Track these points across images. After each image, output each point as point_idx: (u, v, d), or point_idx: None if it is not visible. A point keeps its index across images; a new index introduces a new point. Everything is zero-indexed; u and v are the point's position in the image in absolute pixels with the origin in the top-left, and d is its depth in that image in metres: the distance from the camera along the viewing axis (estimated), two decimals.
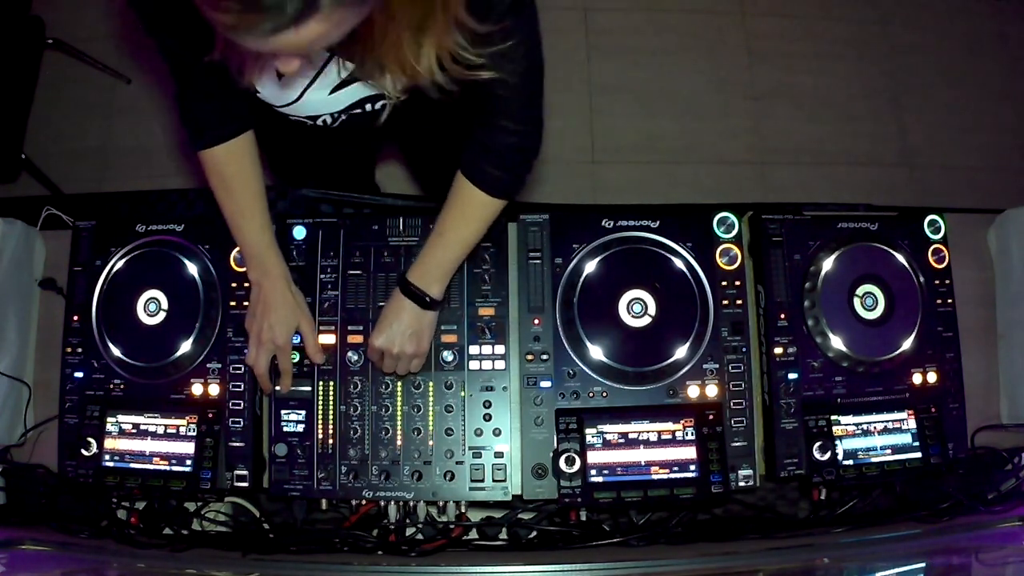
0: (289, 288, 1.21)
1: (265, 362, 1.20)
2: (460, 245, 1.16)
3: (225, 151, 1.14)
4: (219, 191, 1.18)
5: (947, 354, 1.29)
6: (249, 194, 1.18)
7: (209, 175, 1.17)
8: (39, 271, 1.38)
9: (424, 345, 1.20)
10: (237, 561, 1.17)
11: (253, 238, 1.19)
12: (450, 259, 1.17)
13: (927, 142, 2.58)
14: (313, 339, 1.22)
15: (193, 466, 1.19)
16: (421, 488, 1.20)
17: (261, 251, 1.19)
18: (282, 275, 1.20)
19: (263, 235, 1.19)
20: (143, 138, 2.50)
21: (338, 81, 1.07)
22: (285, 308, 1.20)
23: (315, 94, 1.10)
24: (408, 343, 1.17)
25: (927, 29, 2.69)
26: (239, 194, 1.17)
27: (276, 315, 1.19)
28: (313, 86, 1.08)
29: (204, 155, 1.15)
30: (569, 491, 1.17)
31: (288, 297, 1.20)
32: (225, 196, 1.18)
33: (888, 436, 1.23)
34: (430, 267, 1.16)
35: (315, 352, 1.23)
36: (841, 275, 1.27)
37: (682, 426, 1.19)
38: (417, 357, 1.20)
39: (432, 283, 1.16)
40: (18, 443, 1.30)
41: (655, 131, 2.54)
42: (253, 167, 1.18)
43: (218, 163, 1.15)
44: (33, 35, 2.18)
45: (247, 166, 1.17)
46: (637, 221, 1.28)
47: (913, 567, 1.17)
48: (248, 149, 1.17)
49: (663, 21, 2.64)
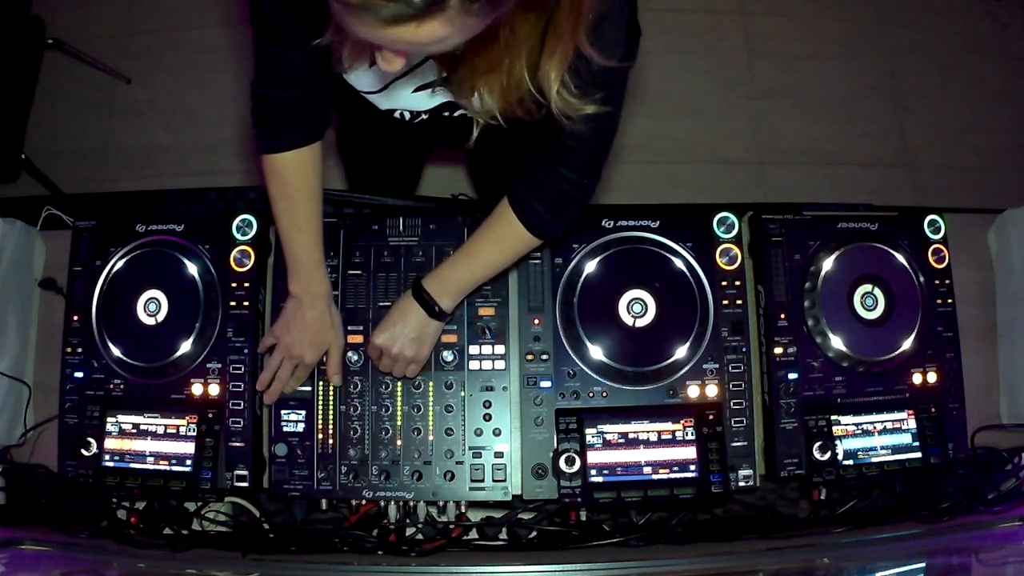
0: (329, 309, 1.19)
1: (287, 374, 1.20)
2: (485, 268, 1.15)
3: (295, 159, 1.10)
4: (279, 200, 1.13)
5: (947, 354, 1.29)
6: (309, 208, 1.14)
7: (271, 181, 1.12)
8: (39, 271, 1.38)
9: (424, 352, 1.19)
10: (237, 561, 1.17)
11: (304, 254, 1.16)
12: (471, 280, 1.16)
13: (927, 142, 2.58)
14: (338, 360, 1.22)
15: (193, 466, 1.19)
16: (421, 488, 1.20)
17: (310, 268, 1.17)
18: (325, 295, 1.19)
19: (315, 252, 1.17)
20: (143, 138, 2.50)
21: (426, 82, 1.05)
22: (321, 330, 1.19)
23: (400, 89, 1.07)
24: (408, 346, 1.17)
25: (927, 29, 2.69)
26: (299, 206, 1.13)
27: (311, 336, 1.18)
28: (400, 80, 1.05)
29: (272, 159, 1.10)
30: (569, 491, 1.17)
31: (326, 319, 1.19)
32: (284, 207, 1.14)
33: (888, 436, 1.23)
34: (448, 281, 1.15)
35: (335, 373, 1.22)
36: (841, 275, 1.27)
37: (682, 426, 1.19)
38: (415, 362, 1.19)
39: (445, 295, 1.15)
40: (18, 443, 1.30)
41: (655, 131, 2.54)
42: (318, 181, 1.14)
43: (286, 171, 1.10)
44: (33, 35, 2.18)
45: (312, 179, 1.13)
46: (637, 221, 1.28)
47: (913, 567, 1.17)
48: (317, 161, 1.12)
49: (663, 21, 2.64)
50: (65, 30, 2.39)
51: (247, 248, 1.27)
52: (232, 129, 2.45)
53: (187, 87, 2.52)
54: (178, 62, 2.54)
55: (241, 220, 1.28)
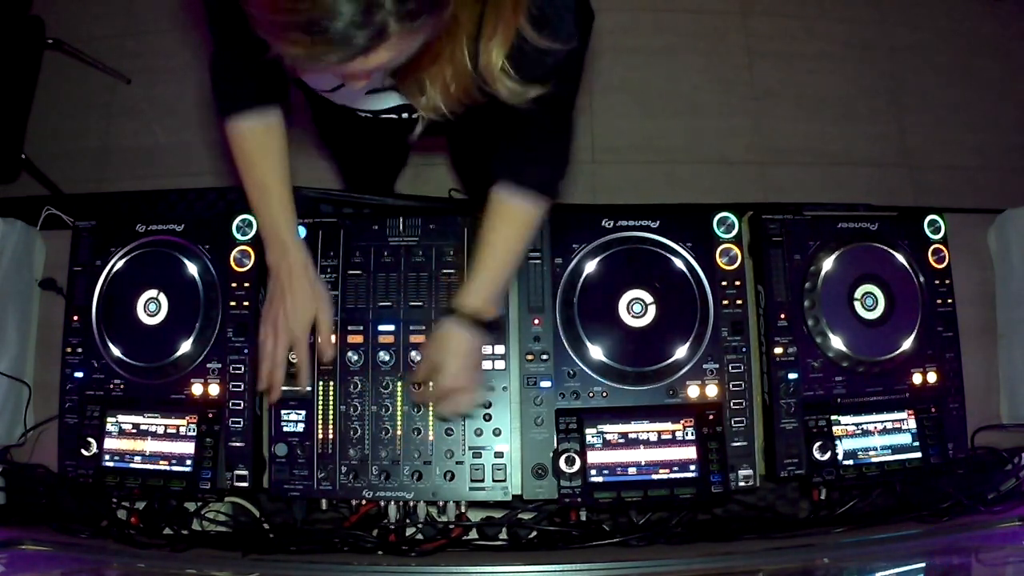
0: (308, 273, 1.16)
1: (283, 354, 1.16)
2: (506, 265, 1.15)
3: (253, 123, 1.11)
4: (241, 165, 1.14)
5: (947, 354, 1.29)
6: (272, 171, 1.14)
7: (234, 149, 1.13)
8: (39, 271, 1.38)
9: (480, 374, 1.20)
10: (237, 561, 1.17)
11: (271, 218, 1.15)
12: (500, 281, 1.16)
13: (927, 142, 2.58)
14: (327, 330, 1.18)
15: (193, 466, 1.19)
16: (421, 488, 1.20)
17: (280, 232, 1.15)
18: (301, 259, 1.16)
19: (283, 214, 1.15)
20: (143, 138, 2.50)
21: (376, 86, 1.06)
22: (303, 294, 1.15)
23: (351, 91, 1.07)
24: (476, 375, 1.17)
25: (927, 29, 2.69)
26: (261, 169, 1.13)
27: (294, 301, 1.15)
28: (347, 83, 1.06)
29: (231, 126, 1.12)
30: (569, 491, 1.17)
31: (307, 283, 1.16)
32: (246, 171, 1.14)
33: (888, 436, 1.23)
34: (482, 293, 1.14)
35: (327, 344, 1.18)
36: (841, 275, 1.27)
37: (682, 426, 1.19)
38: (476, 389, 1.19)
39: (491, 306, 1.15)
40: (18, 443, 1.30)
41: (655, 131, 2.54)
42: (279, 146, 1.14)
43: (244, 135, 1.12)
44: (33, 35, 2.18)
45: (273, 143, 1.13)
46: (637, 221, 1.28)
47: (913, 567, 1.17)
48: (276, 127, 1.13)
49: (663, 21, 2.64)
50: (65, 30, 2.39)
51: (247, 248, 1.27)
52: None
53: (187, 87, 2.51)
54: (178, 62, 2.54)
55: (241, 220, 1.28)
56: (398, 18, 0.70)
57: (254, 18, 0.72)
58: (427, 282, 1.26)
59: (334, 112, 1.20)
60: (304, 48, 0.70)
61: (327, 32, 0.69)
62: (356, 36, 0.69)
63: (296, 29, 0.69)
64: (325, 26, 0.68)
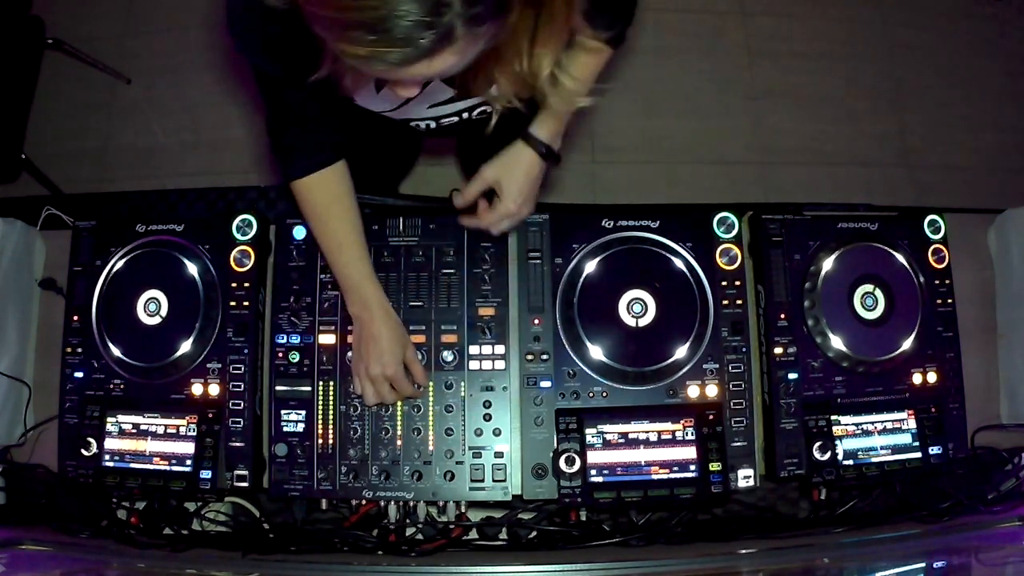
0: (390, 318, 1.18)
1: (390, 394, 1.19)
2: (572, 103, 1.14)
3: (318, 181, 1.13)
4: (313, 222, 1.17)
5: (947, 354, 1.29)
6: (344, 224, 1.16)
7: (303, 206, 1.16)
8: (39, 271, 1.38)
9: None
10: (237, 561, 1.17)
11: (349, 270, 1.17)
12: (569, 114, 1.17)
13: (927, 142, 2.58)
14: (419, 365, 1.21)
15: (193, 466, 1.19)
16: (421, 488, 1.20)
17: (359, 283, 1.17)
18: (381, 304, 1.18)
19: (360, 266, 1.17)
20: (143, 138, 2.50)
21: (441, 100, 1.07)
22: (390, 339, 1.17)
23: (414, 109, 1.09)
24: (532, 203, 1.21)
25: (927, 29, 2.69)
26: (333, 225, 1.16)
27: (381, 347, 1.16)
28: (414, 100, 1.06)
29: (297, 186, 1.14)
30: (569, 491, 1.17)
31: (390, 326, 1.18)
32: (320, 228, 1.17)
33: (888, 436, 1.23)
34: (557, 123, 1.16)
35: (422, 378, 1.21)
36: (841, 275, 1.27)
37: (682, 426, 1.19)
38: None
39: (557, 140, 1.18)
40: (18, 443, 1.30)
41: (655, 131, 2.54)
42: (348, 196, 1.16)
43: (311, 193, 1.14)
44: (33, 35, 2.18)
45: (341, 196, 1.15)
46: (637, 221, 1.28)
47: (913, 567, 1.17)
48: (341, 179, 1.15)
49: (663, 21, 2.64)
50: (65, 30, 2.39)
51: (247, 248, 1.27)
52: (233, 129, 2.46)
53: (187, 87, 2.52)
54: (178, 62, 2.54)
55: (241, 220, 1.28)
56: (465, 21, 0.70)
57: (316, 16, 0.71)
58: (427, 282, 1.26)
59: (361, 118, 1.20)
60: (367, 48, 0.69)
61: (391, 31, 0.68)
62: (422, 37, 0.69)
63: (359, 27, 0.69)
64: (389, 25, 0.68)
